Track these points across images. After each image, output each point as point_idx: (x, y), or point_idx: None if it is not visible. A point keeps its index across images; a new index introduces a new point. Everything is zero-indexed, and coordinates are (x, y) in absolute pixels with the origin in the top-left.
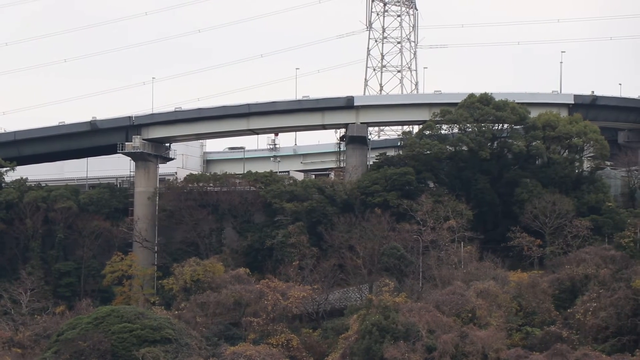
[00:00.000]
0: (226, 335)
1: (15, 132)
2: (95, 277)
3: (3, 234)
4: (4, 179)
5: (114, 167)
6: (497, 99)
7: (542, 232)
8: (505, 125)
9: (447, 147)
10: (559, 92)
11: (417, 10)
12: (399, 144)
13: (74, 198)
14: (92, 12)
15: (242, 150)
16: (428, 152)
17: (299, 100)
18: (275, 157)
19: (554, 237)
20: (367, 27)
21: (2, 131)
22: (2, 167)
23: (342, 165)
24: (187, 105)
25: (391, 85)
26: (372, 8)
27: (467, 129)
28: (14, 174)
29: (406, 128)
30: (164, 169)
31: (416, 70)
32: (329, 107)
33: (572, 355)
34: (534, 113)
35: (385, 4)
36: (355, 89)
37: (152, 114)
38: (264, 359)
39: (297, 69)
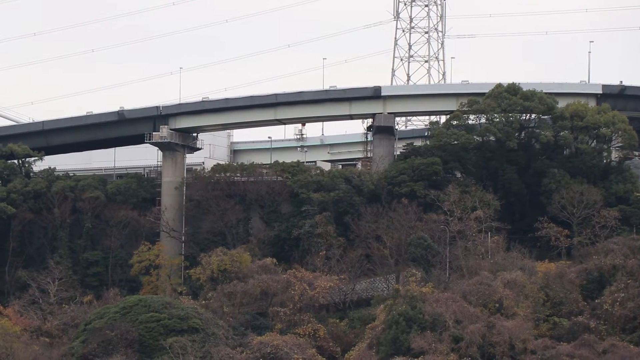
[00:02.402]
0: (253, 325)
1: (43, 122)
2: (122, 266)
3: (31, 223)
4: (32, 168)
5: (142, 157)
6: (524, 89)
7: (569, 222)
8: (533, 115)
9: (475, 137)
10: (587, 82)
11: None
12: (426, 134)
13: (101, 188)
14: (120, 3)
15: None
16: (455, 142)
17: (326, 90)
18: (302, 147)
19: (582, 228)
20: (395, 17)
21: (31, 121)
22: (31, 156)
23: (369, 155)
24: (214, 95)
25: (418, 75)
26: None
27: (495, 119)
28: (42, 164)
29: (433, 118)
30: (191, 158)
31: (444, 60)
32: (356, 97)
33: (600, 346)
34: (561, 103)
35: None
36: (383, 79)
37: (180, 104)
38: (290, 348)
39: (324, 59)
